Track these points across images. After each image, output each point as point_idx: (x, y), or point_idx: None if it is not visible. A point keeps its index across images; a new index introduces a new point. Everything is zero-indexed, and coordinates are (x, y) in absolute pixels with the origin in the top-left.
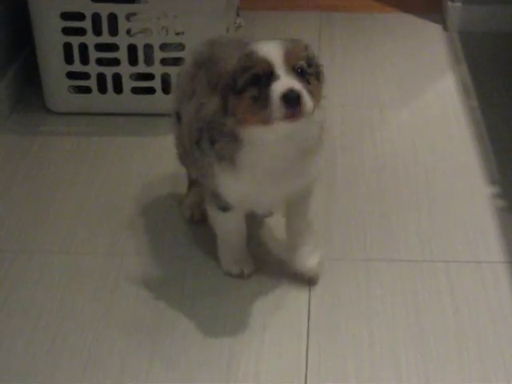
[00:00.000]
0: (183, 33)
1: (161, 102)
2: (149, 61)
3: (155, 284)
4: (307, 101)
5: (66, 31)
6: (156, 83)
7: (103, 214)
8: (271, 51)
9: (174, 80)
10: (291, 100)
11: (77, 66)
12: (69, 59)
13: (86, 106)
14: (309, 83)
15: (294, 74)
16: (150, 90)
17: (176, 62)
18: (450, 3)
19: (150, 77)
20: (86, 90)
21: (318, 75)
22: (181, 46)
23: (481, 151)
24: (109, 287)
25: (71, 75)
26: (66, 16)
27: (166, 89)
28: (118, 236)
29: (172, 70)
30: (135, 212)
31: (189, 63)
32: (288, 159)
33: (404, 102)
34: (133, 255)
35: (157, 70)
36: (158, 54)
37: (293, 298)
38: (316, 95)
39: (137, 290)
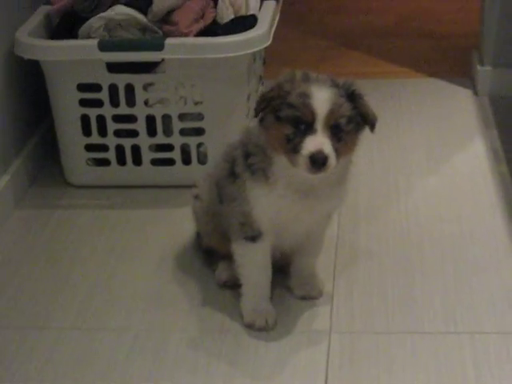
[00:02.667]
0: (202, 102)
1: (180, 173)
2: (168, 131)
3: (167, 362)
4: (332, 162)
5: (84, 103)
6: (175, 154)
7: (119, 289)
8: (321, 102)
9: (193, 150)
10: (317, 161)
11: (95, 138)
12: (87, 131)
13: (105, 178)
14: (340, 140)
15: (330, 131)
16: (170, 162)
17: (195, 132)
18: (479, 67)
19: (169, 148)
20: (105, 162)
21: (357, 128)
22: (200, 116)
23: (509, 218)
24: (120, 364)
25: (90, 148)
26: (82, 87)
27: (185, 160)
28: (132, 311)
29: (191, 141)
30: (151, 287)
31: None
32: (317, 182)
33: (432, 168)
34: (146, 331)
35: (176, 140)
36: (177, 125)
37: (309, 371)
38: (344, 152)
39: (148, 367)
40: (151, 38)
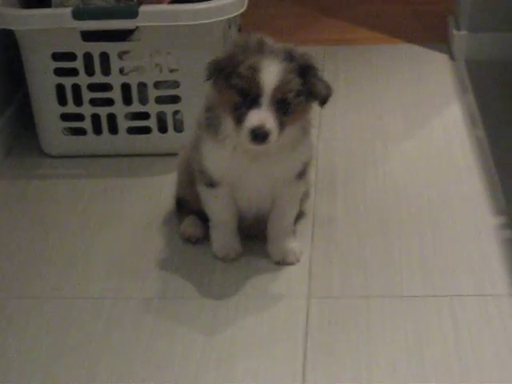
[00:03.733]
0: (177, 70)
1: (157, 141)
2: (143, 100)
3: (145, 330)
4: (273, 136)
5: (59, 72)
6: (151, 122)
7: (96, 257)
8: (269, 77)
9: (169, 118)
10: (257, 136)
11: (70, 108)
12: (62, 101)
13: (81, 147)
14: (287, 113)
15: (276, 105)
16: (146, 130)
17: (171, 99)
18: (455, 32)
19: (145, 116)
20: (81, 131)
21: (310, 96)
22: (175, 84)
23: (487, 182)
24: (98, 333)
25: (65, 117)
26: (57, 57)
27: (162, 128)
28: (110, 279)
29: (167, 108)
30: (130, 255)
31: None
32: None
33: (408, 133)
34: (124, 299)
35: (152, 108)
36: (153, 93)
37: (288, 336)
38: (292, 123)
39: (127, 335)
40: (125, 6)
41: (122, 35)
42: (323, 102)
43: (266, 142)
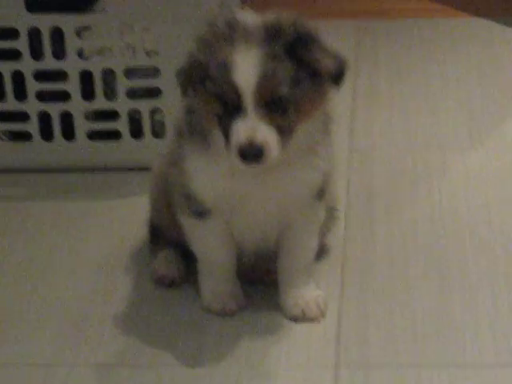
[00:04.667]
0: (157, 52)
1: (129, 150)
2: (110, 93)
3: None
4: (272, 151)
5: None
6: (121, 124)
7: (45, 311)
8: (246, 73)
9: (146, 118)
10: (248, 155)
11: (10, 103)
12: None
13: (24, 158)
14: (286, 112)
15: (267, 107)
16: (114, 135)
17: (148, 93)
18: None
19: (112, 115)
20: (25, 135)
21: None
22: (154, 71)
23: None
24: None
25: (3, 116)
26: None
27: (135, 132)
28: (62, 342)
29: (143, 105)
30: (88, 307)
31: None
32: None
33: (475, 141)
34: (82, 366)
35: (122, 105)
36: (123, 83)
37: None
38: (298, 123)
39: None
40: None
41: (82, 4)
42: (336, 80)
43: (261, 160)
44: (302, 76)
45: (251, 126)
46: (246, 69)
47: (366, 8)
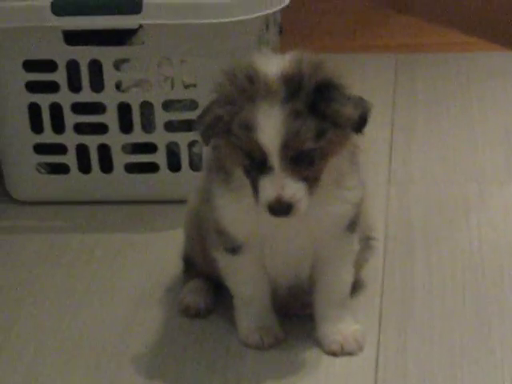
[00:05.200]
0: (195, 85)
1: (166, 183)
2: (148, 126)
3: None
4: (301, 204)
5: (32, 87)
6: (159, 157)
7: (79, 344)
8: (270, 134)
9: (184, 151)
10: (278, 212)
11: (48, 136)
12: (37, 126)
13: (62, 191)
14: (313, 163)
15: (293, 162)
16: (151, 167)
17: (186, 126)
18: None
19: (150, 148)
20: (62, 168)
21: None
22: (192, 104)
23: None
24: None
25: (41, 149)
26: (31, 66)
27: (172, 164)
28: (95, 375)
29: (181, 138)
30: (123, 341)
31: None
32: None
33: None
34: None
35: (160, 137)
36: (161, 116)
37: None
38: (322, 168)
39: None
40: None
41: (120, 37)
42: (358, 128)
43: (292, 214)
44: (326, 127)
45: (279, 184)
46: (270, 129)
47: (405, 42)
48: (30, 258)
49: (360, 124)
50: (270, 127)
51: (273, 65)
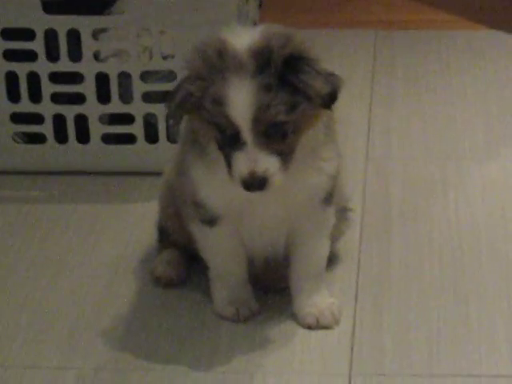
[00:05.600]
0: (173, 56)
1: (143, 154)
2: (126, 96)
3: None
4: (275, 177)
5: (10, 56)
6: (136, 128)
7: (55, 315)
8: (241, 108)
9: (161, 123)
10: (252, 186)
11: (25, 105)
12: (14, 95)
13: (38, 160)
14: (286, 136)
15: (265, 135)
16: (129, 138)
17: (164, 97)
18: None
19: (127, 119)
20: (39, 138)
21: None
22: (171, 75)
23: None
24: None
25: (18, 118)
26: (8, 34)
27: (150, 136)
28: (73, 346)
29: (159, 109)
30: (99, 310)
31: None
32: None
33: (492, 151)
34: (91, 370)
35: (137, 109)
36: (139, 87)
37: None
38: (297, 141)
39: None
40: None
41: (99, 6)
42: (328, 102)
43: (265, 188)
44: (297, 100)
45: (252, 158)
46: (241, 103)
47: (385, 18)
48: (4, 228)
49: (330, 99)
50: (240, 101)
51: (243, 39)
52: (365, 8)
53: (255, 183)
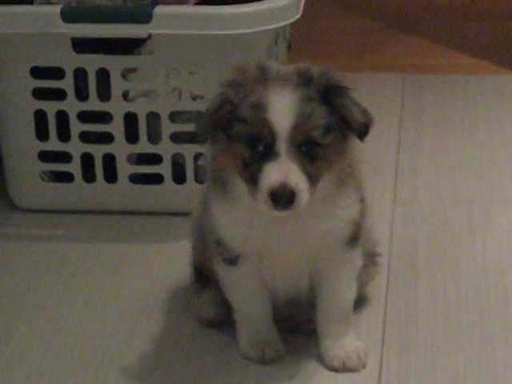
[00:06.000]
0: (202, 97)
1: (171, 194)
2: (154, 136)
3: None
4: (303, 196)
5: (39, 94)
6: (164, 168)
7: (78, 357)
8: (282, 114)
9: (189, 163)
10: (280, 200)
11: (53, 144)
12: (42, 134)
13: (65, 199)
14: (317, 160)
15: (300, 151)
16: (156, 178)
17: (192, 138)
18: None
19: (155, 159)
20: (66, 177)
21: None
22: (199, 115)
23: None
24: None
25: (46, 157)
26: (38, 73)
27: (177, 176)
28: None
29: (187, 150)
30: (125, 355)
31: None
32: None
33: None
34: None
35: (165, 149)
36: (168, 127)
37: None
38: (326, 171)
39: None
40: (134, 6)
41: (129, 46)
42: (363, 133)
43: (293, 205)
44: (334, 123)
45: (285, 168)
46: (282, 109)
47: (413, 62)
48: (30, 266)
49: (365, 129)
50: (281, 106)
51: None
52: (391, 52)
53: (285, 196)
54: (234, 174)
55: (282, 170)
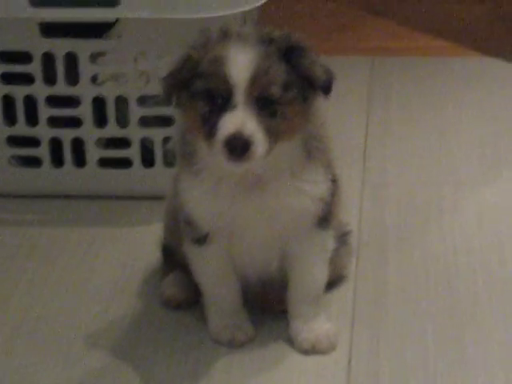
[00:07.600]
0: None
1: (139, 178)
2: (122, 120)
3: None
4: (259, 146)
5: (7, 78)
6: (133, 152)
7: (50, 337)
8: (240, 67)
9: (158, 147)
10: (235, 148)
11: (21, 128)
12: (10, 118)
13: (34, 184)
14: (275, 115)
15: (257, 104)
16: (125, 162)
17: (160, 121)
18: None
19: (124, 143)
20: (35, 161)
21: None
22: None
23: None
24: None
25: (14, 141)
26: (6, 57)
27: (146, 160)
28: (69, 366)
29: (155, 134)
30: (94, 334)
31: None
32: (261, 172)
33: (487, 177)
34: None
35: (134, 133)
36: (136, 111)
37: None
38: (288, 130)
39: None
40: None
41: (97, 30)
42: (326, 89)
43: (248, 155)
44: (293, 81)
45: (240, 118)
46: (240, 63)
47: (381, 45)
48: (1, 251)
49: (327, 86)
50: (240, 60)
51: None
52: (360, 35)
53: (239, 143)
54: (196, 133)
55: (238, 120)
